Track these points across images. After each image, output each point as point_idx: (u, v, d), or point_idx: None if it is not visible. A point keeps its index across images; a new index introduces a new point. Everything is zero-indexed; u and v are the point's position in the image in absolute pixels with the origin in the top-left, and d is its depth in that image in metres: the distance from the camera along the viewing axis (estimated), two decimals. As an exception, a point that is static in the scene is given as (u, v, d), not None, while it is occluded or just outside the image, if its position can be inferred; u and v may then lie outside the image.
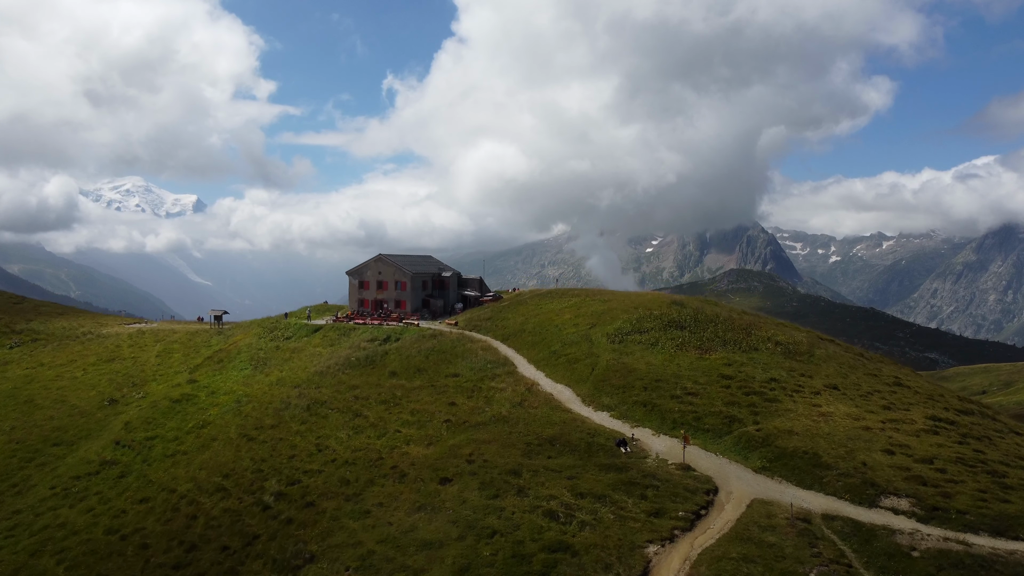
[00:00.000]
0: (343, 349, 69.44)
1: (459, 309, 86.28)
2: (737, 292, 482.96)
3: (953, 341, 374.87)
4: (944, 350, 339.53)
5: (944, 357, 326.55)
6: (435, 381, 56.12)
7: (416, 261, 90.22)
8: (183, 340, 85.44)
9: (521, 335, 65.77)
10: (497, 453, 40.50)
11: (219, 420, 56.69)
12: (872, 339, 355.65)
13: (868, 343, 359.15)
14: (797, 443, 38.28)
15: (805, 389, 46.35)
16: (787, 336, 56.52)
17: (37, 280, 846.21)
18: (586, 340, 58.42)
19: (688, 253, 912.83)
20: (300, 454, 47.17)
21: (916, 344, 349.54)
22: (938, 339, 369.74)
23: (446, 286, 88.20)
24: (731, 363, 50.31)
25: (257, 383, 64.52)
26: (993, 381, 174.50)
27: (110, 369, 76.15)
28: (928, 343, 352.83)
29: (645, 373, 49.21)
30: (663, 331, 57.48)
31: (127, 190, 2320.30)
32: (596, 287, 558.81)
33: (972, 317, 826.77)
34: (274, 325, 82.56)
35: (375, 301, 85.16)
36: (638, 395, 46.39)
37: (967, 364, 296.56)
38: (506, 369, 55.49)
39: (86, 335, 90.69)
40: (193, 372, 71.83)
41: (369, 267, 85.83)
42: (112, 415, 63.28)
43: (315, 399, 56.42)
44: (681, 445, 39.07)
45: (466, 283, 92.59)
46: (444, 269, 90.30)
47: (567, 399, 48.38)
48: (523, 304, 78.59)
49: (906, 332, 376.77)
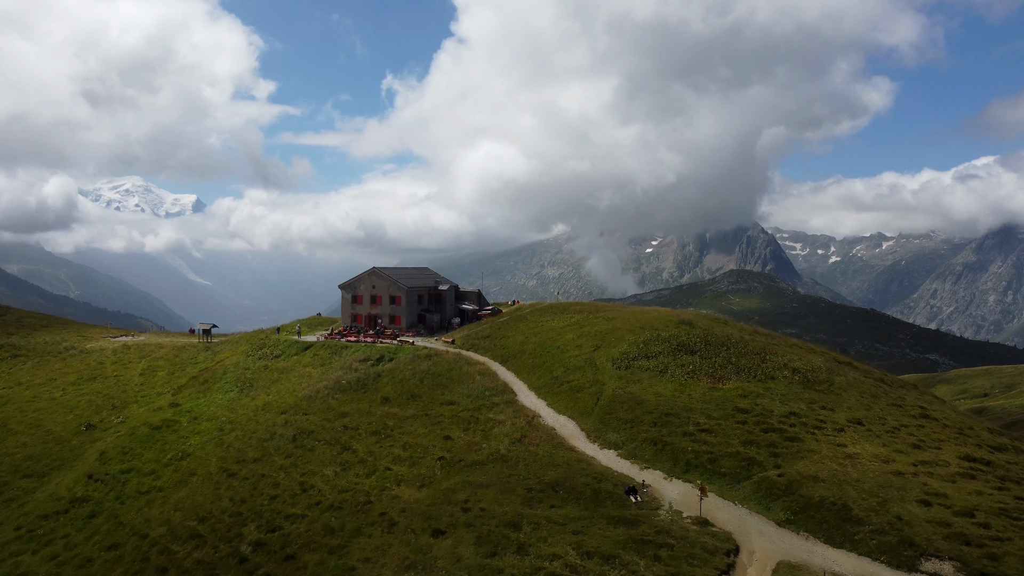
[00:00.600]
0: (334, 370, 66.02)
1: (456, 324, 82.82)
2: (737, 293, 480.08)
3: (953, 342, 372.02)
4: (945, 351, 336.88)
5: (945, 359, 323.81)
6: (429, 409, 52.74)
7: (411, 274, 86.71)
8: (169, 357, 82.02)
9: (521, 357, 62.37)
10: (495, 500, 37.12)
11: (199, 451, 53.28)
12: (873, 340, 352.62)
13: (868, 344, 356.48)
14: (823, 492, 34.94)
15: (827, 424, 43.00)
16: (804, 362, 53.14)
17: (36, 280, 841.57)
18: (590, 365, 55.03)
19: (688, 253, 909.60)
20: (283, 494, 43.76)
21: (916, 346, 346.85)
22: (938, 340, 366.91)
23: (443, 300, 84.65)
24: (746, 394, 46.95)
25: (242, 408, 61.09)
26: (995, 384, 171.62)
27: (91, 389, 72.70)
28: (928, 344, 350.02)
29: (654, 405, 45.83)
30: (672, 356, 54.09)
31: (126, 190, 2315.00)
32: (596, 288, 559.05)
33: (972, 318, 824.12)
34: (263, 342, 79.11)
35: (369, 316, 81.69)
36: (647, 431, 43.02)
37: (968, 366, 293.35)
38: (505, 397, 52.08)
39: (69, 350, 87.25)
40: (176, 394, 68.40)
41: (363, 281, 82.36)
42: (88, 442, 59.85)
43: (302, 428, 53.02)
44: (696, 493, 35.74)
45: (463, 296, 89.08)
46: (441, 282, 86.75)
47: (570, 434, 45.01)
48: (523, 321, 75.16)
49: (907, 333, 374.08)
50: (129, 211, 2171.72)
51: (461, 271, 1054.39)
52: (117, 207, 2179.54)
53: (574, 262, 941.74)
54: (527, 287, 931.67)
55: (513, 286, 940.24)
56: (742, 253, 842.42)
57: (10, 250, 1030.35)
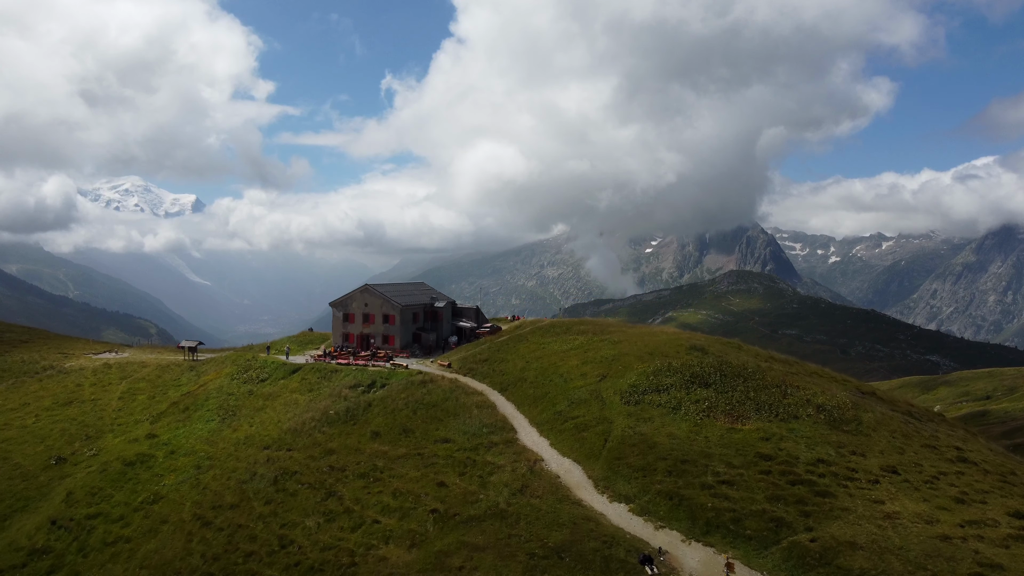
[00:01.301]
0: (322, 398, 61.95)
1: (453, 343, 78.79)
2: (737, 294, 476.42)
3: (954, 343, 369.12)
4: (945, 353, 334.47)
5: (946, 360, 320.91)
6: (423, 448, 48.70)
7: (406, 291, 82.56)
8: (151, 378, 77.94)
9: (521, 385, 58.30)
10: (493, 567, 33.13)
11: (174, 493, 49.23)
12: (873, 341, 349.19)
13: (869, 345, 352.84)
14: (863, 563, 30.93)
15: (860, 474, 38.98)
16: (827, 396, 49.10)
17: (35, 280, 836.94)
18: (596, 399, 50.98)
19: (687, 254, 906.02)
20: (260, 550, 39.72)
21: (917, 347, 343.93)
22: (939, 341, 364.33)
23: (439, 318, 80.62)
24: (768, 436, 42.92)
25: (223, 441, 57.01)
26: (997, 386, 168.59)
27: (65, 416, 68.65)
28: (929, 345, 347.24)
29: (668, 450, 41.80)
30: (685, 389, 50.04)
31: (126, 189, 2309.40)
32: (596, 288, 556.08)
33: (972, 318, 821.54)
34: (249, 363, 74.95)
35: (361, 336, 77.72)
36: (661, 481, 38.98)
37: (968, 367, 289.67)
38: (505, 436, 48.02)
39: (47, 370, 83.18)
40: (155, 422, 64.34)
41: (354, 299, 78.36)
42: (57, 478, 55.81)
43: (284, 468, 48.99)
44: (720, 562, 31.77)
45: (461, 313, 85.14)
46: (437, 299, 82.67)
47: (576, 482, 40.97)
48: (523, 341, 71.09)
49: (907, 334, 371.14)
50: (128, 211, 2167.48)
51: (460, 271, 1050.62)
52: (116, 207, 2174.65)
53: (573, 262, 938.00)
54: (527, 287, 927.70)
55: (512, 286, 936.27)
56: (742, 253, 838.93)
57: (9, 250, 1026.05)
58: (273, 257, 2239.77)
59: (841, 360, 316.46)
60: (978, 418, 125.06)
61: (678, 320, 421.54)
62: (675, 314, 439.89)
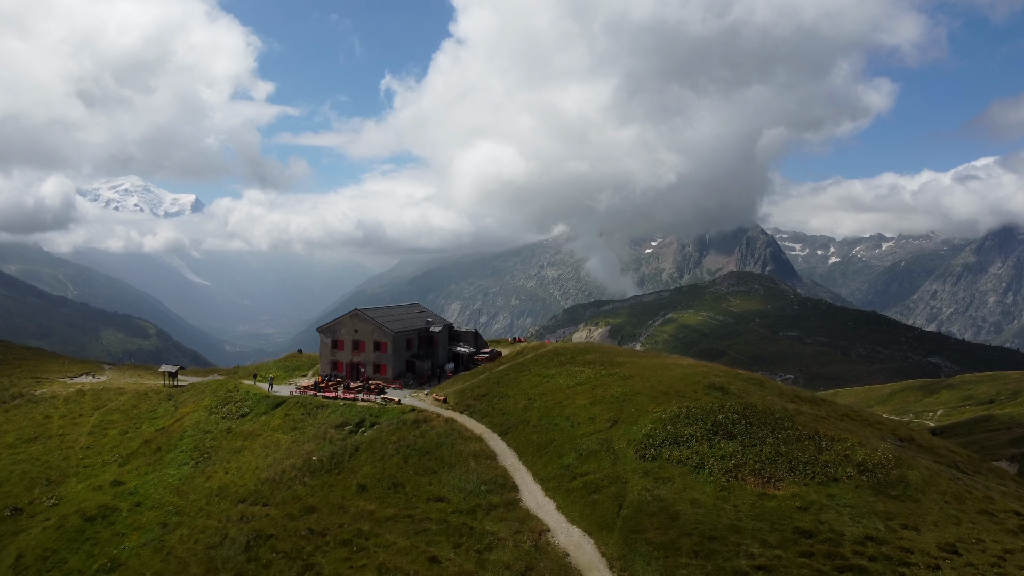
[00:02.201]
0: (305, 439, 56.66)
1: (450, 371, 73.59)
2: (738, 295, 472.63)
3: (956, 345, 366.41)
4: (947, 355, 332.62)
5: (947, 362, 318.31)
6: (414, 507, 43.45)
7: (399, 316, 77.24)
8: (125, 408, 72.59)
9: (524, 428, 53.01)
10: None
11: (134, 560, 43.95)
12: (874, 344, 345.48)
13: (870, 348, 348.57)
14: None
15: (916, 556, 33.69)
16: (867, 450, 43.75)
17: (34, 280, 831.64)
18: (607, 450, 45.70)
19: (687, 254, 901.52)
20: (224, 643, 34.47)
21: (918, 349, 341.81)
22: (941, 343, 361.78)
23: (435, 344, 75.61)
24: (806, 505, 37.65)
25: (195, 491, 51.71)
26: (1001, 390, 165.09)
27: (29, 454, 63.32)
28: (930, 347, 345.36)
29: (692, 523, 36.53)
30: (707, 442, 44.73)
31: (125, 189, 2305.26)
32: (596, 289, 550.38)
33: (972, 319, 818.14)
34: (230, 394, 69.56)
35: (351, 364, 72.62)
36: (686, 564, 33.69)
37: (970, 369, 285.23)
38: (506, 496, 42.75)
39: (15, 398, 77.80)
40: (124, 464, 59.08)
41: (343, 324, 73.01)
42: (10, 534, 50.51)
43: (259, 530, 43.68)
44: None
45: (458, 337, 79.99)
46: (433, 322, 77.42)
47: (588, 562, 35.68)
48: (525, 372, 65.70)
49: (908, 336, 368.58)
50: (128, 211, 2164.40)
51: (460, 271, 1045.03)
52: (116, 207, 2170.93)
53: (573, 263, 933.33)
54: (526, 288, 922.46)
55: (512, 287, 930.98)
56: (742, 254, 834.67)
57: (8, 250, 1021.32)
58: (272, 257, 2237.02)
59: (842, 362, 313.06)
60: (982, 423, 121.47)
61: (679, 321, 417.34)
62: (675, 315, 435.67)
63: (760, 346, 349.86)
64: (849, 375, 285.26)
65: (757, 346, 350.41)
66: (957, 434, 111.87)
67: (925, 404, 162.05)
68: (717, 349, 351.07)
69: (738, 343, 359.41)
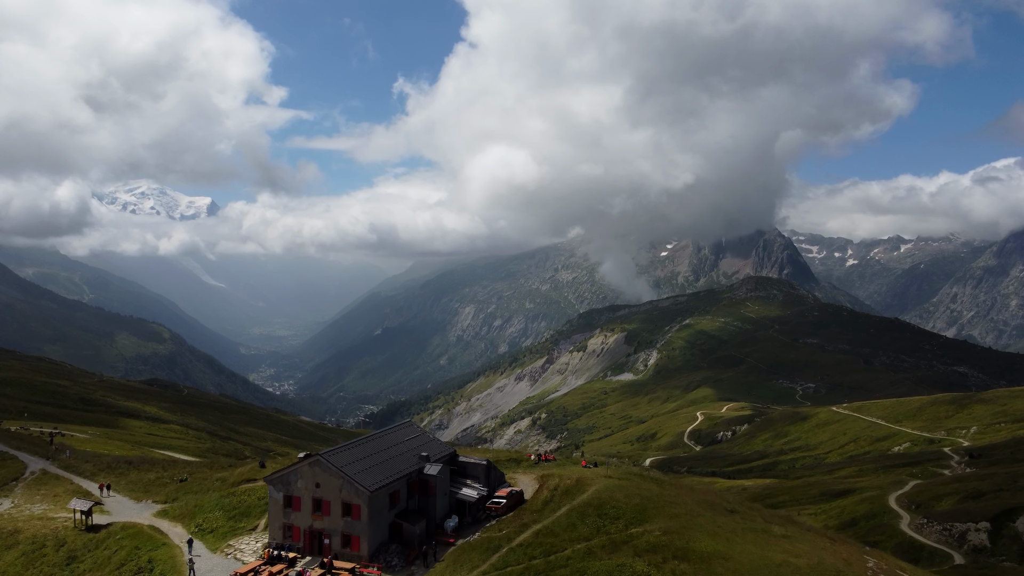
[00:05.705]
0: None
1: (451, 528, 53.77)
2: (756, 300, 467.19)
3: (982, 353, 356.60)
4: (973, 363, 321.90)
5: (974, 371, 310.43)
6: None
7: (381, 452, 55.17)
8: (12, 570, 54.77)
9: None
10: None
11: None
12: (897, 352, 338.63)
13: (894, 356, 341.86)
14: None
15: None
16: None
17: (51, 284, 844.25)
18: None
19: (703, 257, 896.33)
20: None
21: (943, 357, 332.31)
22: (966, 351, 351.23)
23: (430, 491, 54.90)
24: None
25: None
26: None
27: None
28: (956, 356, 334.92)
29: None
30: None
31: (142, 192, 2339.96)
32: (611, 293, 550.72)
33: (993, 323, 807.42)
34: (143, 567, 50.68)
35: (310, 531, 51.16)
36: None
37: (998, 378, 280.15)
38: None
39: None
40: None
41: (301, 475, 50.98)
42: None
43: None
44: None
45: (464, 471, 58.95)
46: (428, 458, 56.51)
47: None
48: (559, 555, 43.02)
49: (933, 344, 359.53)
50: (144, 214, 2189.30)
51: (474, 275, 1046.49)
52: (133, 210, 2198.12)
53: (588, 266, 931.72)
54: (540, 291, 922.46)
55: (526, 290, 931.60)
56: (758, 257, 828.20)
57: (25, 254, 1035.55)
58: (286, 260, 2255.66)
59: (865, 371, 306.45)
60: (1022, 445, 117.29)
61: (695, 327, 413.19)
62: (692, 321, 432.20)
63: (779, 354, 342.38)
64: (872, 385, 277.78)
65: (776, 354, 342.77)
66: (999, 459, 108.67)
67: (957, 420, 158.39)
68: (735, 356, 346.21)
69: (757, 350, 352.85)
